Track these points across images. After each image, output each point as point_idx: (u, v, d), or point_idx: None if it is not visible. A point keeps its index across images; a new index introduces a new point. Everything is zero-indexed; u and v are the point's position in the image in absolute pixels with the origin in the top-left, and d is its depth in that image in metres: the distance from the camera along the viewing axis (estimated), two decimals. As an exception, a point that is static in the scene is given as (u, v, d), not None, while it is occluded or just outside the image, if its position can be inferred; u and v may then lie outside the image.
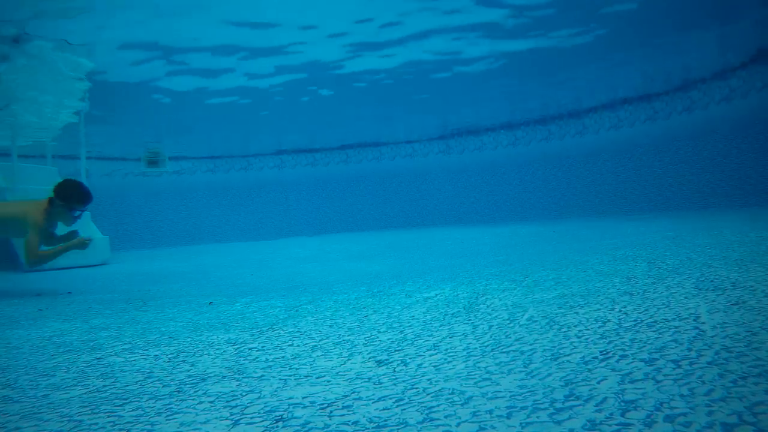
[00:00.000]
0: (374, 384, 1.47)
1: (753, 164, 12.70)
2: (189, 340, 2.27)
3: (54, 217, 4.30)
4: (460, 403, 1.26)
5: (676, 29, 10.06)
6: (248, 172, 19.02)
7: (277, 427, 1.19)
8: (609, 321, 1.93)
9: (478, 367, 1.55)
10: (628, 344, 1.62)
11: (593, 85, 13.97)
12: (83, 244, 4.31)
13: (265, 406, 1.33)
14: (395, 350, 1.85)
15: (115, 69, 9.33)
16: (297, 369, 1.69)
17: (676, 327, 1.75)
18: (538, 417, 1.13)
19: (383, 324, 2.30)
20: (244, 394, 1.45)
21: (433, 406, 1.25)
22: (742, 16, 9.62)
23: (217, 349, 2.07)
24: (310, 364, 1.74)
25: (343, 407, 1.29)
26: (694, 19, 9.56)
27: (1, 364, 2.02)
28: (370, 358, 1.78)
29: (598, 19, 9.27)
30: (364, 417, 1.21)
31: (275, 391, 1.46)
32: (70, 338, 2.48)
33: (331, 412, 1.26)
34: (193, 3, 7.41)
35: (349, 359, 1.78)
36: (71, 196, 4.25)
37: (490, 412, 1.18)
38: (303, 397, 1.38)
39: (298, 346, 2.02)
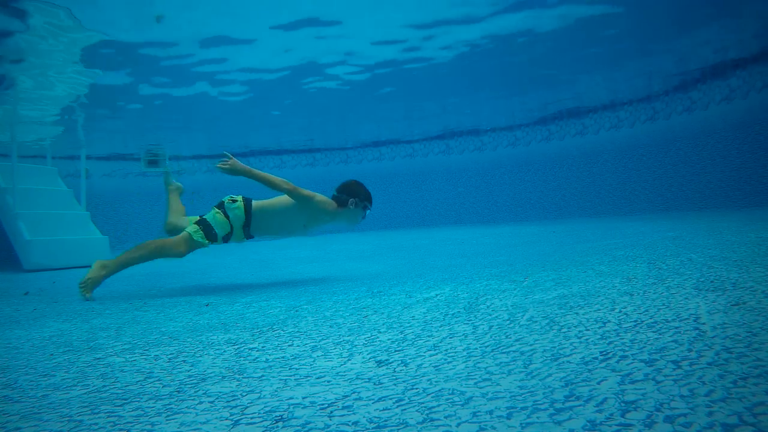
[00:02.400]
0: (374, 384, 1.47)
1: (753, 164, 12.70)
2: (189, 340, 2.27)
3: (343, 216, 4.35)
4: (460, 403, 1.26)
5: (676, 27, 10.05)
6: (248, 172, 19.01)
7: (278, 427, 1.19)
8: (609, 321, 1.93)
9: (479, 368, 1.55)
10: (628, 345, 1.62)
11: (594, 85, 13.95)
12: None
13: (265, 407, 1.33)
14: (395, 350, 1.85)
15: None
16: (297, 369, 1.69)
17: (676, 328, 1.74)
18: (538, 417, 1.13)
19: (383, 324, 2.30)
20: (244, 394, 1.45)
21: (434, 407, 1.24)
22: (743, 13, 9.60)
23: (217, 349, 2.07)
24: (310, 365, 1.74)
25: (344, 407, 1.29)
26: (694, 17, 9.55)
27: (1, 365, 2.02)
28: (370, 358, 1.77)
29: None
30: (364, 417, 1.21)
31: (275, 391, 1.46)
32: (70, 338, 2.48)
33: (331, 412, 1.26)
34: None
35: (349, 359, 1.78)
36: (365, 195, 4.39)
37: (491, 412, 1.18)
38: (303, 398, 1.38)
39: (298, 346, 2.02)
